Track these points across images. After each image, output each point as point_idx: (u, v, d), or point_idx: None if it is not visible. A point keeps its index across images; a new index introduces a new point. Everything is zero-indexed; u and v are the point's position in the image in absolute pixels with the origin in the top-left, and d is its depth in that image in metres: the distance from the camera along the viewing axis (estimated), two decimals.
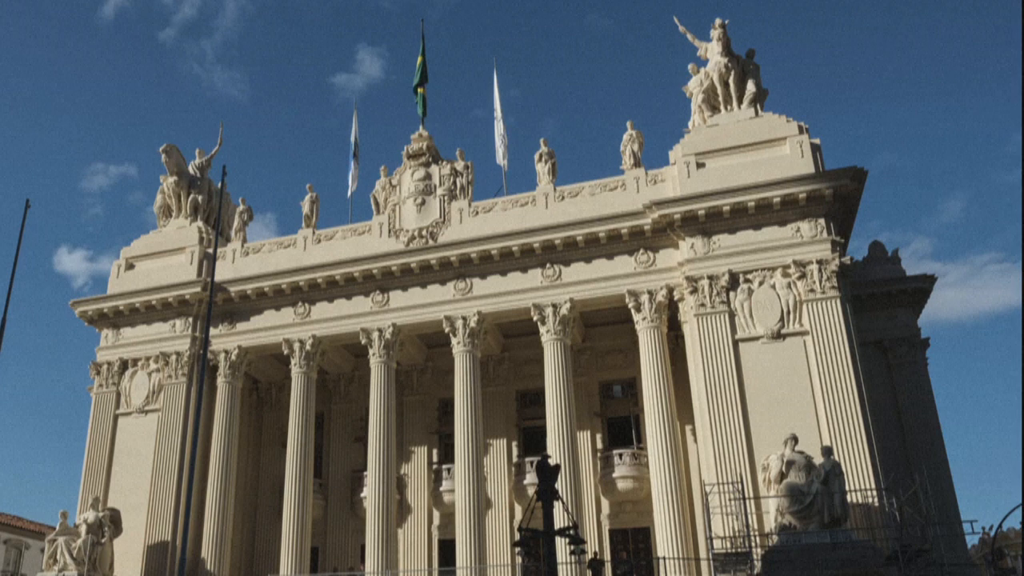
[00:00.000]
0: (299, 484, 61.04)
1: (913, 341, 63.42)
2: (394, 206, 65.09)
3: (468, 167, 65.13)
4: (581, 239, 58.54)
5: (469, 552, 55.40)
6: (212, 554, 60.73)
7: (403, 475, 66.47)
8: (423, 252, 61.87)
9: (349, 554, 66.59)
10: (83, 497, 62.71)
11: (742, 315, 53.73)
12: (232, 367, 65.35)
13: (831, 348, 51.14)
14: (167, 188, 72.77)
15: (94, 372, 67.49)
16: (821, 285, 52.50)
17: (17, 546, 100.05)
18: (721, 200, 55.09)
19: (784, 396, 50.90)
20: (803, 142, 56.13)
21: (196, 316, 66.75)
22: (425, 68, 72.89)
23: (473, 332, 60.23)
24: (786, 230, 54.78)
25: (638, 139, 61.69)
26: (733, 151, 57.72)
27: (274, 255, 66.99)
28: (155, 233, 72.15)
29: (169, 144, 71.75)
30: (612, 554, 60.52)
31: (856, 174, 53.77)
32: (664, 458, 53.73)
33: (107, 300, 68.27)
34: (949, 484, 59.08)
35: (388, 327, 62.00)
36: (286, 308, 65.23)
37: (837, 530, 41.75)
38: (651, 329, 56.82)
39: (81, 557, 55.52)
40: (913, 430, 60.31)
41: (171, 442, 63.14)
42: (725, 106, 60.68)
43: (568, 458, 54.87)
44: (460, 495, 57.56)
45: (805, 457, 44.09)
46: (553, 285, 59.26)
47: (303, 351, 63.69)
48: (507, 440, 66.24)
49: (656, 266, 57.73)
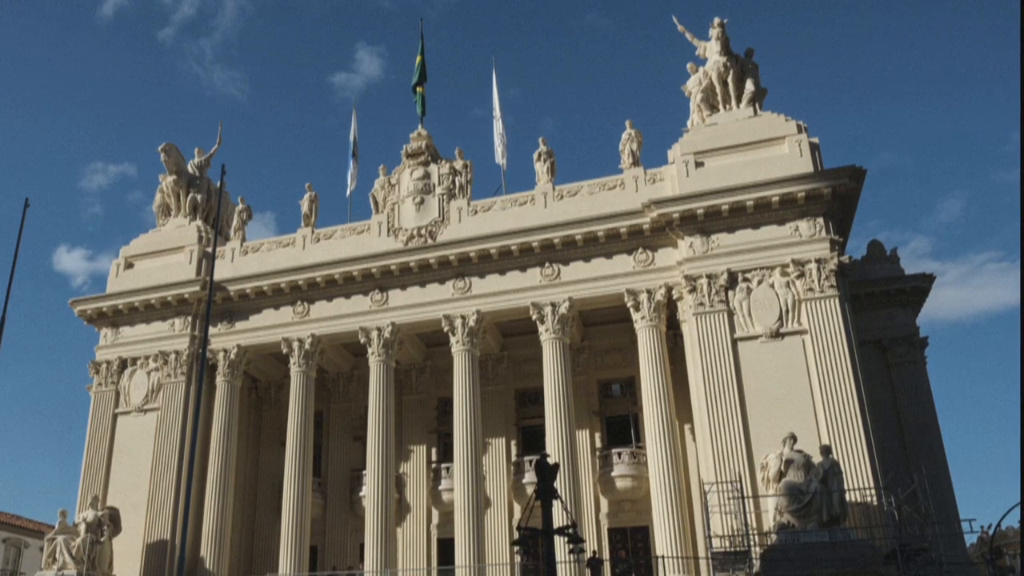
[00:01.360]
0: (298, 483, 61.05)
1: (912, 340, 63.43)
2: (393, 205, 65.13)
3: (467, 166, 65.16)
4: (580, 238, 58.55)
5: (468, 551, 55.43)
6: (211, 552, 60.75)
7: (402, 474, 66.48)
8: (422, 251, 61.92)
9: (348, 553, 66.61)
10: (82, 496, 62.70)
11: (741, 314, 53.75)
12: (231, 366, 65.38)
13: (830, 347, 51.15)
14: (166, 187, 72.82)
15: (93, 371, 67.51)
16: (820, 284, 52.52)
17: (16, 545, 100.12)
18: (720, 199, 55.10)
19: (783, 395, 50.93)
20: (802, 141, 56.17)
21: (195, 315, 66.78)
22: (424, 67, 72.88)
23: (472, 331, 60.25)
24: (785, 229, 54.80)
25: (637, 138, 61.68)
26: (732, 150, 57.74)
27: (273, 254, 67.05)
28: (154, 232, 72.24)
29: (168, 143, 71.78)
30: (611, 553, 60.54)
31: (855, 173, 53.81)
32: (663, 457, 53.76)
33: (106, 299, 68.30)
34: (948, 483, 59.11)
35: (387, 326, 62.03)
36: (285, 307, 65.26)
37: (836, 529, 41.76)
38: (650, 328, 56.83)
39: (80, 556, 55.48)
40: (912, 429, 60.32)
41: (170, 441, 63.19)
42: (724, 105, 60.72)
43: (567, 457, 54.87)
44: (459, 494, 57.59)
45: (804, 456, 44.13)
46: (552, 284, 59.29)
47: (302, 350, 63.70)
48: (506, 439, 66.24)
49: (655, 265, 57.76)
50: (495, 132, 71.18)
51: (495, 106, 72.22)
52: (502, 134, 70.64)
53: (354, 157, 75.10)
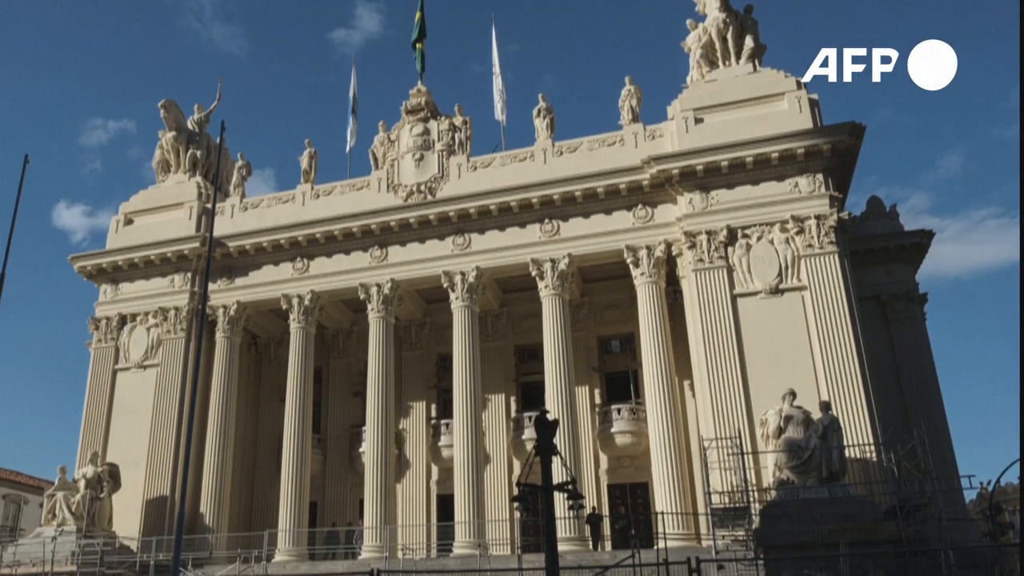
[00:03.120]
0: (298, 439, 61.20)
1: (911, 296, 63.37)
2: (392, 161, 64.97)
3: (466, 122, 64.95)
4: (579, 194, 58.44)
5: (467, 507, 55.56)
6: (211, 508, 61.00)
7: (401, 430, 66.53)
8: (421, 207, 61.80)
9: (348, 508, 66.90)
10: (82, 452, 62.78)
11: (740, 270, 53.66)
12: (231, 322, 65.42)
13: (829, 303, 51.11)
14: (166, 143, 72.68)
15: (93, 327, 67.56)
16: (819, 240, 52.43)
17: (16, 501, 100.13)
18: (719, 155, 54.90)
19: (782, 351, 50.94)
20: (801, 97, 55.96)
21: (195, 271, 66.77)
22: (424, 23, 72.36)
23: (471, 287, 60.20)
24: (784, 185, 54.66)
25: (636, 94, 61.46)
26: (731, 106, 57.57)
27: (272, 210, 67.00)
28: (154, 188, 72.14)
29: (168, 99, 71.77)
30: (610, 509, 60.69)
31: (854, 129, 53.61)
32: (662, 413, 53.84)
33: (106, 255, 68.27)
34: (947, 439, 59.20)
35: (387, 282, 61.99)
36: (285, 263, 65.21)
37: (835, 485, 41.73)
38: (649, 284, 56.76)
39: (80, 512, 55.55)
40: (911, 385, 60.28)
41: (170, 397, 63.37)
42: (723, 61, 60.44)
43: (566, 413, 54.94)
44: (458, 450, 57.71)
45: (803, 412, 44.02)
46: (551, 240, 59.22)
47: (302, 306, 63.68)
48: (505, 395, 66.36)
49: (654, 221, 57.66)
50: (494, 88, 71.06)
51: (494, 62, 72.08)
52: (501, 90, 70.46)
53: (354, 113, 74.82)
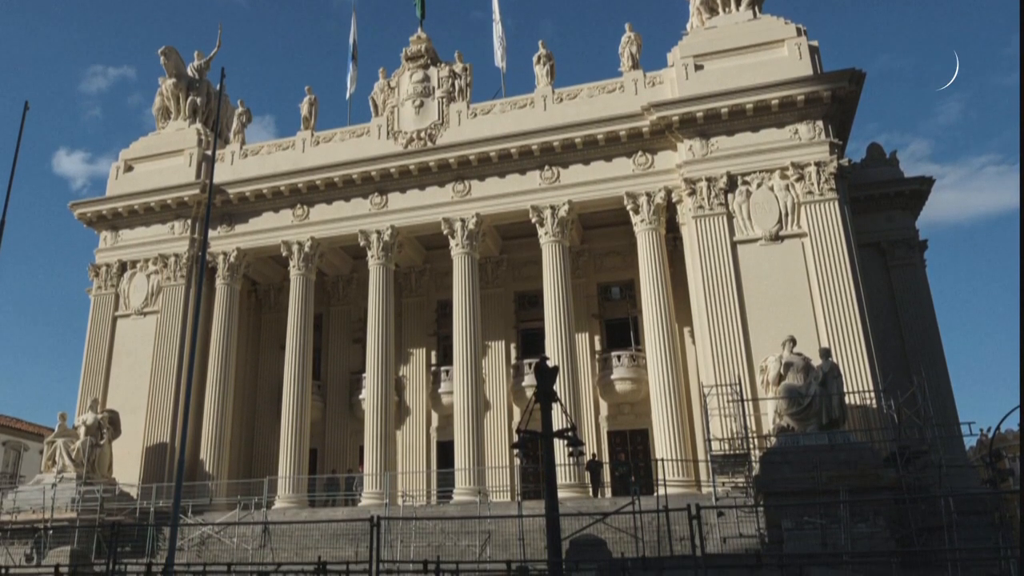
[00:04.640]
0: (298, 386, 61.37)
1: (911, 243, 63.26)
2: (393, 108, 64.76)
3: (466, 69, 64.70)
4: (579, 141, 58.32)
5: (467, 453, 55.79)
6: (211, 455, 61.21)
7: (402, 377, 66.78)
8: (422, 154, 61.63)
9: (347, 455, 67.15)
10: (82, 399, 62.95)
11: (740, 217, 53.59)
12: (231, 269, 65.40)
13: (829, 250, 51.08)
14: (166, 90, 72.47)
15: (93, 274, 67.56)
16: (819, 187, 52.35)
17: (16, 448, 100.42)
18: (719, 102, 54.74)
19: (782, 298, 50.95)
20: (801, 44, 55.75)
21: (195, 218, 66.71)
22: None
23: (471, 234, 60.15)
24: (784, 132, 54.53)
25: (636, 41, 61.19)
26: (731, 53, 57.34)
27: (273, 157, 66.81)
28: (154, 135, 71.92)
29: (168, 46, 71.48)
30: (610, 456, 60.96)
31: (854, 76, 53.39)
32: (662, 360, 53.96)
33: (106, 202, 68.16)
34: (947, 386, 59.19)
35: (387, 229, 61.93)
36: (285, 210, 65.14)
37: (835, 431, 41.76)
38: (649, 231, 56.73)
39: (80, 459, 55.75)
40: (911, 332, 60.35)
41: (170, 344, 63.45)
42: (723, 8, 60.14)
43: (566, 360, 55.06)
44: (459, 397, 57.84)
45: (803, 359, 44.06)
46: (551, 187, 59.12)
47: (302, 253, 63.63)
48: (505, 342, 66.47)
49: (654, 168, 57.54)
50: (494, 35, 70.71)
51: (494, 9, 71.64)
52: (501, 37, 70.10)
53: (353, 60, 74.49)
